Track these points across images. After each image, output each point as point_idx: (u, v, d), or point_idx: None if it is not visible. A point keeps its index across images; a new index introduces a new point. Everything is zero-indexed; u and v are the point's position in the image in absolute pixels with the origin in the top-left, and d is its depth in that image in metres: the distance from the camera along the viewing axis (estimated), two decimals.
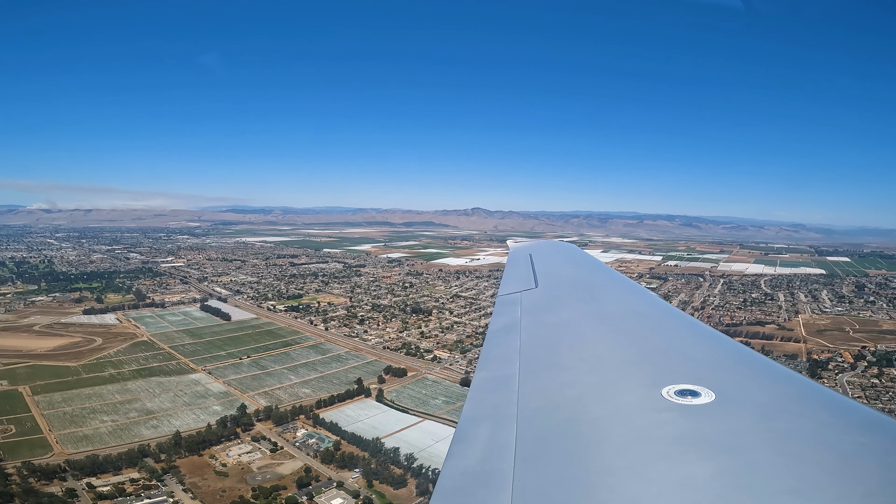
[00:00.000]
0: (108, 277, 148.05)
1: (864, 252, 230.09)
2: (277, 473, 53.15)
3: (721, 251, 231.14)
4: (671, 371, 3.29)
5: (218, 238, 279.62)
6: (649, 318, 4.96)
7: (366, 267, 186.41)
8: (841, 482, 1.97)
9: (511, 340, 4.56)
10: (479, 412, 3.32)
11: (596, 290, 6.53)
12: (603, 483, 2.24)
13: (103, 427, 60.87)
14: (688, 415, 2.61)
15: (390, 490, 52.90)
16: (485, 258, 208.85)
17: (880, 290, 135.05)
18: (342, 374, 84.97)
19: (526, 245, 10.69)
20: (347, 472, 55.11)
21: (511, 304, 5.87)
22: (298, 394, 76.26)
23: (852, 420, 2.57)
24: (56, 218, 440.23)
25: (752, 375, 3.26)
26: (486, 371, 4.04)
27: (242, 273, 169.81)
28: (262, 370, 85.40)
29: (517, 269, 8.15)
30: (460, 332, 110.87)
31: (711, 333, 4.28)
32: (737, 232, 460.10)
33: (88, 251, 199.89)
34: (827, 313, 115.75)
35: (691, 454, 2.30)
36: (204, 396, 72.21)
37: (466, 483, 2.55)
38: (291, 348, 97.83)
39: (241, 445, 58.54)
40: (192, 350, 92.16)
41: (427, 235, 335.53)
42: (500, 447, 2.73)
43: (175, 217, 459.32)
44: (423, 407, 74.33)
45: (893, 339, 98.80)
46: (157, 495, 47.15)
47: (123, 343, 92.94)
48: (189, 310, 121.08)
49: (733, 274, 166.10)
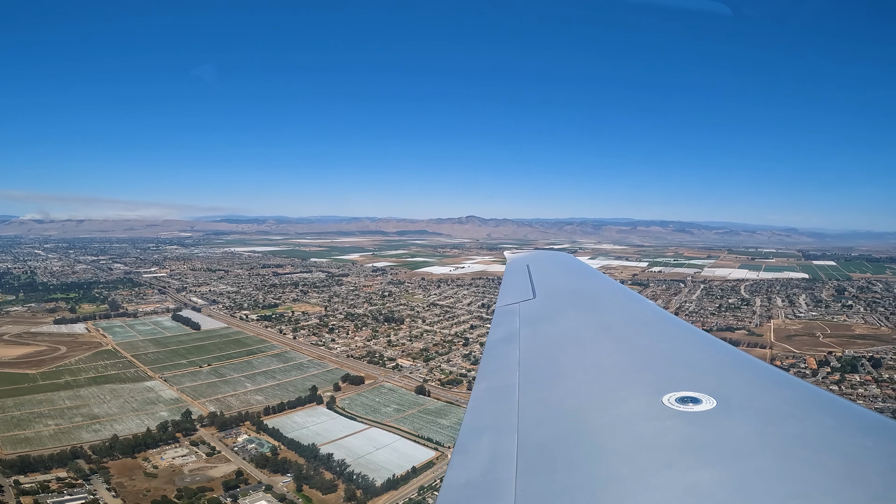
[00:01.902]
0: (87, 288, 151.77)
1: (852, 255, 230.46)
2: (207, 476, 55.14)
3: (709, 256, 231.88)
4: (672, 378, 3.32)
5: (207, 248, 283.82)
6: (648, 326, 5.02)
7: (349, 276, 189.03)
8: (847, 486, 1.96)
9: (510, 351, 4.58)
10: (480, 423, 3.32)
11: (594, 299, 6.64)
12: (606, 492, 2.22)
13: (46, 430, 63.34)
14: (689, 422, 2.62)
15: (318, 495, 54.61)
16: (469, 267, 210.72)
17: (860, 294, 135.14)
18: (299, 382, 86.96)
19: (523, 256, 10.90)
20: (279, 477, 56.93)
21: (509, 314, 5.91)
22: (250, 401, 78.37)
23: (856, 424, 2.57)
24: (48, 228, 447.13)
25: (752, 381, 3.27)
26: (486, 382, 4.04)
27: (223, 283, 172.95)
28: (219, 378, 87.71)
29: (515, 280, 8.18)
30: (428, 340, 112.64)
31: (711, 340, 4.34)
32: (729, 237, 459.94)
33: (73, 262, 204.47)
34: (801, 318, 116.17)
35: (695, 461, 2.30)
36: (154, 403, 74.52)
37: (468, 494, 2.53)
38: (254, 357, 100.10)
39: (177, 449, 60.67)
40: (153, 358, 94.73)
41: (418, 244, 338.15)
42: (501, 457, 2.73)
43: (168, 227, 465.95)
44: (373, 414, 76.13)
45: (863, 344, 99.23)
46: (79, 493, 49.37)
47: (87, 352, 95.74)
48: (160, 319, 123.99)
49: (715, 279, 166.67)
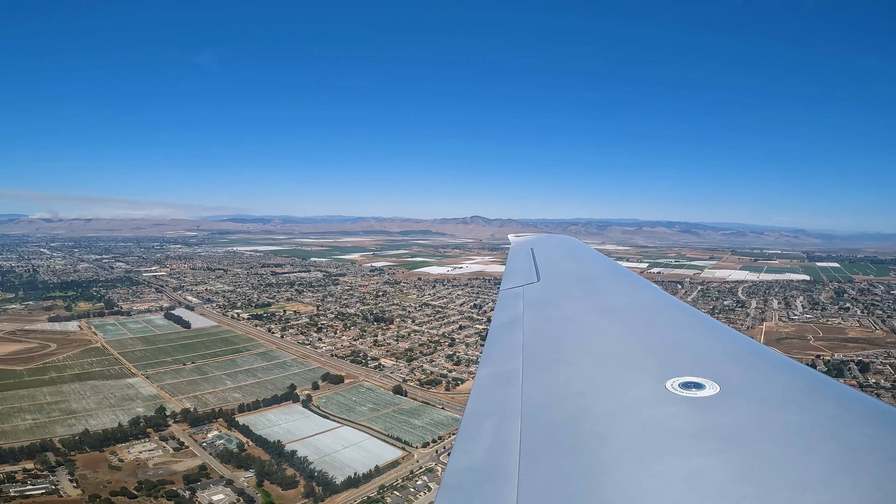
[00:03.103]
0: (86, 286, 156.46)
1: (857, 257, 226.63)
2: (171, 470, 57.31)
3: (711, 257, 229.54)
4: (675, 363, 3.32)
5: (210, 247, 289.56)
6: (653, 311, 5.01)
7: (346, 276, 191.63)
8: (849, 474, 1.97)
9: (514, 336, 4.58)
10: (483, 408, 3.33)
11: (598, 284, 6.61)
12: (609, 477, 2.24)
13: (23, 425, 66.27)
14: (693, 407, 2.64)
15: (278, 490, 56.39)
16: (468, 267, 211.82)
17: (860, 297, 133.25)
18: (280, 381, 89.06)
19: (527, 239, 10.66)
20: (242, 472, 58.86)
21: (513, 298, 5.91)
22: (227, 398, 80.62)
23: (860, 412, 2.59)
24: (55, 227, 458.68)
25: (756, 367, 3.29)
26: (490, 367, 4.03)
27: (221, 282, 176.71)
28: (201, 375, 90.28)
29: (519, 263, 8.12)
30: (415, 340, 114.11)
31: (716, 326, 4.35)
32: (735, 238, 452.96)
33: (76, 261, 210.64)
34: (795, 321, 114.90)
35: (697, 447, 2.32)
36: (132, 399, 77.21)
37: (471, 479, 2.57)
38: (240, 355, 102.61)
39: (146, 444, 63.03)
40: (140, 356, 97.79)
41: (420, 244, 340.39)
42: (504, 443, 2.76)
43: (174, 226, 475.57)
44: (347, 413, 77.83)
45: (854, 348, 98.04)
46: (42, 483, 52.10)
47: (76, 349, 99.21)
48: (153, 318, 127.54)
49: (714, 280, 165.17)
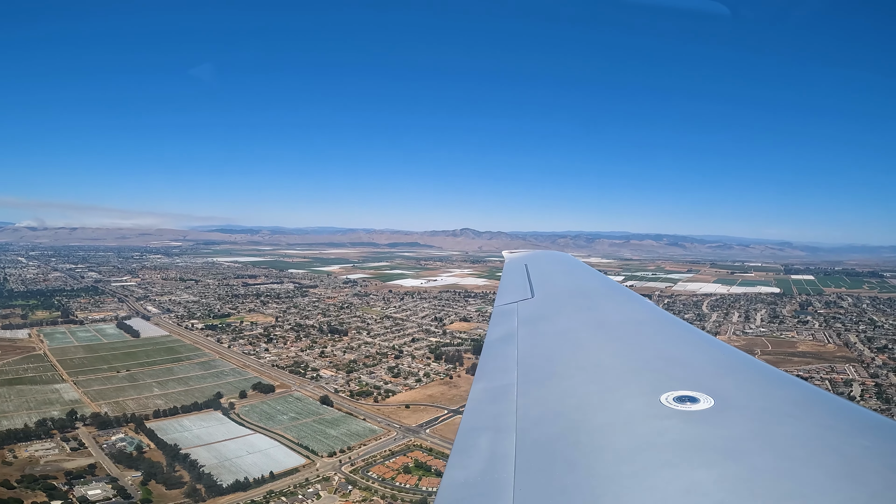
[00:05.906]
0: (49, 295, 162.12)
1: (835, 270, 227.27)
2: (60, 468, 60.50)
3: (689, 270, 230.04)
4: (669, 377, 3.42)
5: (191, 258, 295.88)
6: (647, 326, 5.18)
7: (318, 287, 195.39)
8: (845, 485, 2.02)
9: (508, 350, 4.69)
10: (478, 423, 3.41)
11: (592, 299, 6.83)
12: (605, 491, 2.29)
13: None
14: (687, 421, 2.70)
15: (162, 489, 59.31)
16: (443, 279, 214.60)
17: (825, 310, 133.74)
18: (210, 389, 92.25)
19: (521, 255, 11.08)
20: (131, 472, 61.93)
21: (507, 314, 6.09)
22: (148, 405, 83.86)
23: (854, 423, 2.66)
24: (40, 236, 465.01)
25: (750, 380, 3.40)
26: (484, 381, 4.15)
27: (188, 293, 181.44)
28: (130, 383, 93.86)
29: (513, 279, 8.39)
30: (363, 352, 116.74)
31: (709, 340, 4.50)
32: (721, 251, 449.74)
33: (50, 269, 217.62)
34: (749, 334, 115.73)
35: (693, 460, 2.37)
36: (52, 403, 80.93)
37: (466, 494, 2.61)
38: (179, 364, 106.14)
39: (45, 443, 66.44)
40: (77, 363, 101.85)
41: (404, 256, 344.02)
42: (499, 457, 2.80)
43: (160, 236, 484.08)
44: (266, 422, 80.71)
45: (799, 362, 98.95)
46: None
47: (17, 356, 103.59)
48: (104, 327, 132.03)
49: (683, 294, 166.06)
